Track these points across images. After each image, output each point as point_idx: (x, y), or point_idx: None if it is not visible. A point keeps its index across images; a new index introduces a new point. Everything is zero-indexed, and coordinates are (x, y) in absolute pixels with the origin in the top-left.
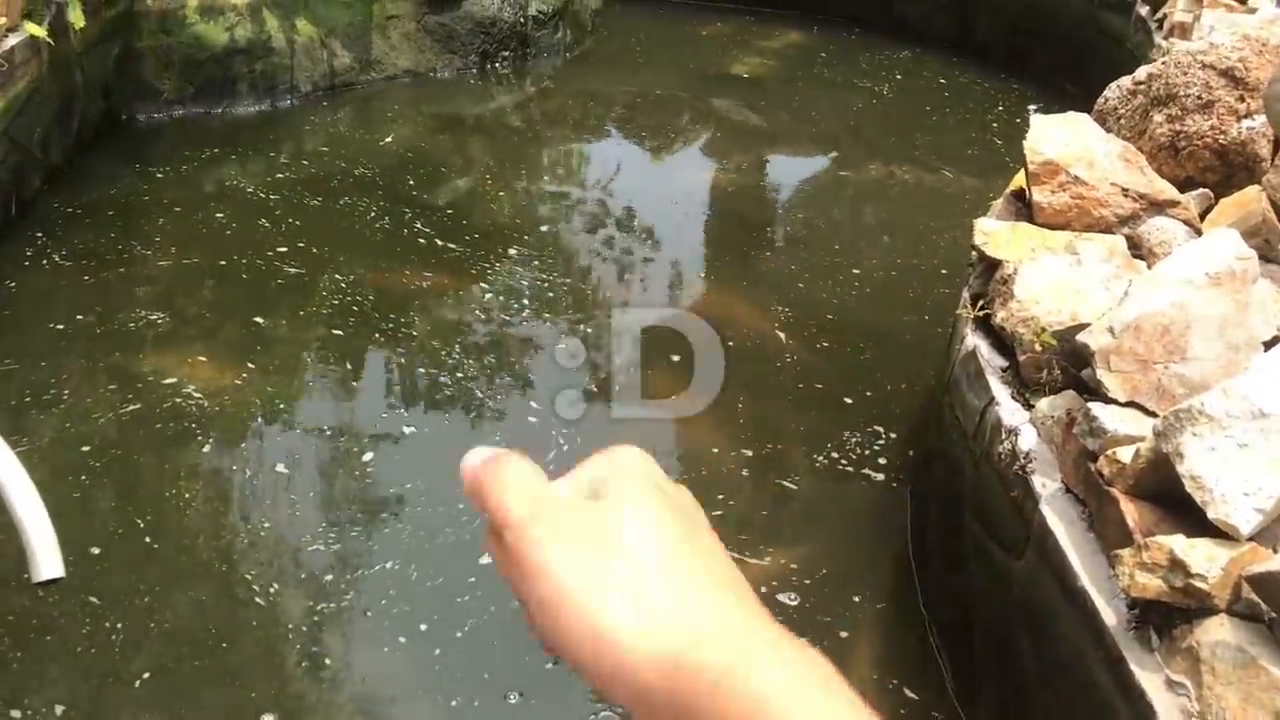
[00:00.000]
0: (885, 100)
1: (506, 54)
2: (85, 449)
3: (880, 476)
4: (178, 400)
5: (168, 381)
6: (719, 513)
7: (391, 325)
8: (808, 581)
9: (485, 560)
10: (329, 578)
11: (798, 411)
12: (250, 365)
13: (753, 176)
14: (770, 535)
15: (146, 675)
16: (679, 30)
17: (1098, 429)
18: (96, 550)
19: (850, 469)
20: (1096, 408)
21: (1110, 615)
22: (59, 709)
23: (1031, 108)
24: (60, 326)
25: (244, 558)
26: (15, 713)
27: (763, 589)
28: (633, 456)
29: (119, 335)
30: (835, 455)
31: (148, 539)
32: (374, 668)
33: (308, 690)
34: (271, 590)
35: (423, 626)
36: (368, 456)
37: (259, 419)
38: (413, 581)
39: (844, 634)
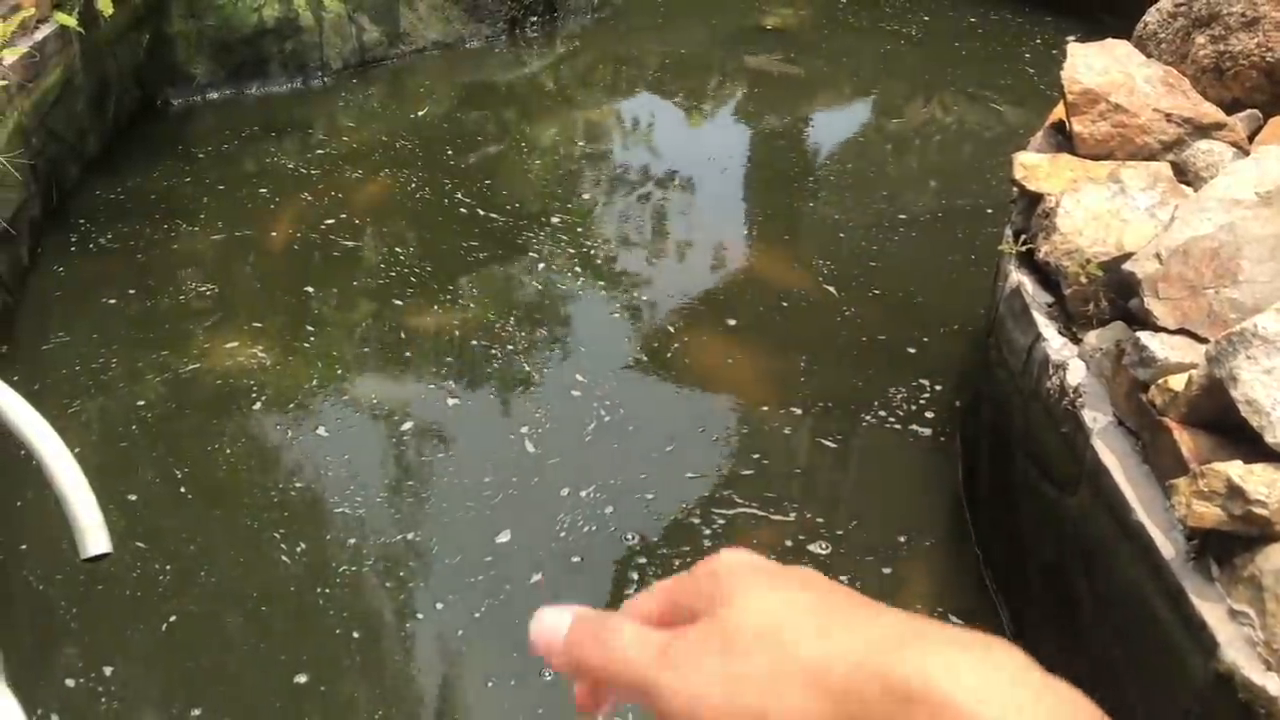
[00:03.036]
0: (915, 41)
1: (534, 19)
2: (140, 403)
3: (927, 431)
4: (229, 365)
5: (220, 349)
6: (749, 472)
7: (448, 297)
8: (839, 531)
9: (502, 539)
10: (352, 541)
11: (855, 368)
12: (304, 333)
13: (790, 128)
14: (808, 491)
15: (179, 625)
16: None
17: (1148, 358)
18: (133, 497)
19: (897, 425)
20: (1146, 337)
21: (1168, 547)
22: (108, 670)
23: (1070, 38)
24: (112, 302)
25: (275, 516)
26: (70, 681)
27: (788, 542)
28: (738, 558)
29: (170, 308)
30: (883, 413)
31: (183, 489)
32: (399, 643)
33: (339, 657)
34: (299, 550)
35: (439, 605)
36: (407, 426)
37: (308, 385)
38: (433, 555)
39: (887, 570)
